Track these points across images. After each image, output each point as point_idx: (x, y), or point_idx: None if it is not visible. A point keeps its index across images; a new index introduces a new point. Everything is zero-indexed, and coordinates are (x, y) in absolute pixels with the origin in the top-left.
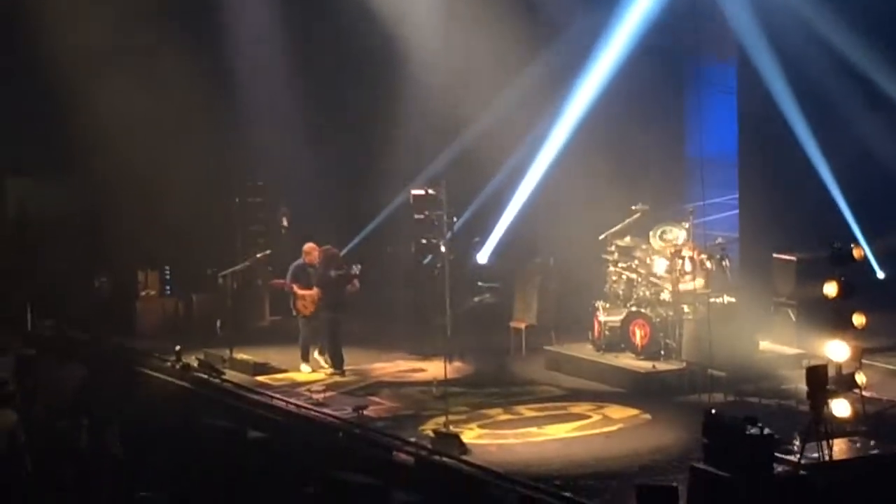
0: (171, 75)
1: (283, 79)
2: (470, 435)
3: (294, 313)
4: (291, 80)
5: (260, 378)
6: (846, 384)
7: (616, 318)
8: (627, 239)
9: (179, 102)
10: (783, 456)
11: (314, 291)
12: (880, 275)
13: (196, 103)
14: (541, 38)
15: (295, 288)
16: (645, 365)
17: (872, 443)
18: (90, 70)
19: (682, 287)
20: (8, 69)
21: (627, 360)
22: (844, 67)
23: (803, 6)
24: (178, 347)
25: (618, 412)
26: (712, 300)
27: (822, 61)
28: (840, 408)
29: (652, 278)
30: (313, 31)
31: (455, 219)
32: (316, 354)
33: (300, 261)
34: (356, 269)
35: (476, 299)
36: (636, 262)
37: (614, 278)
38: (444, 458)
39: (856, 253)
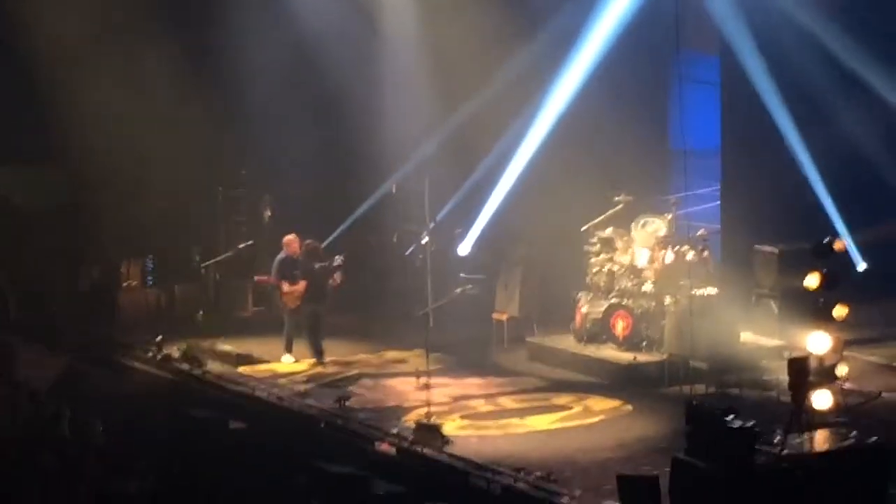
0: (156, 66)
1: (267, 70)
2: (452, 426)
3: (280, 306)
4: (274, 71)
5: (242, 369)
6: (827, 376)
7: (598, 310)
8: (609, 230)
9: (163, 93)
10: (764, 447)
11: (301, 286)
12: (861, 267)
13: (180, 94)
14: (525, 27)
15: (284, 285)
16: (627, 356)
17: (853, 434)
18: (74, 60)
19: (663, 277)
20: None
21: (609, 352)
22: (827, 60)
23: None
24: (159, 337)
25: (599, 403)
26: (694, 292)
27: (804, 54)
28: (821, 399)
29: (634, 269)
30: (295, 22)
31: (437, 210)
32: (284, 357)
33: (283, 254)
34: (339, 259)
35: (458, 290)
36: (618, 253)
37: (596, 269)
38: (426, 450)
39: (837, 245)
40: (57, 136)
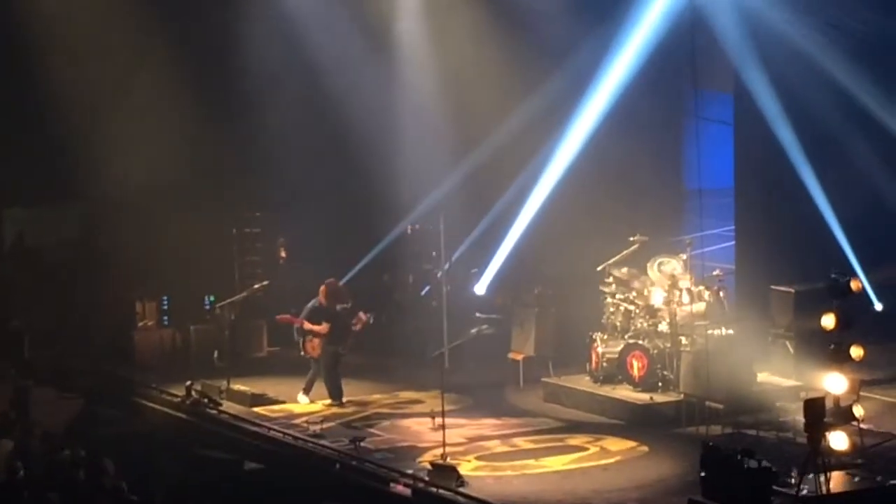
0: (171, 109)
1: (283, 111)
2: (467, 467)
3: (302, 353)
4: (291, 113)
5: (257, 409)
6: (844, 416)
7: (614, 350)
8: (625, 270)
9: (178, 135)
10: (781, 489)
11: (324, 327)
12: (878, 307)
13: (195, 136)
14: (541, 68)
15: (306, 323)
16: (643, 397)
17: (870, 475)
18: (90, 103)
19: (679, 317)
20: (7, 100)
21: (625, 392)
22: (841, 98)
23: (801, 38)
24: (188, 383)
25: (615, 444)
26: (710, 332)
27: (818, 93)
28: (838, 440)
29: (650, 309)
30: (313, 65)
31: (453, 250)
32: (300, 397)
33: (316, 301)
34: (370, 318)
35: (474, 330)
36: (634, 293)
37: (612, 309)
38: (442, 491)
39: (853, 285)
40: (71, 177)
